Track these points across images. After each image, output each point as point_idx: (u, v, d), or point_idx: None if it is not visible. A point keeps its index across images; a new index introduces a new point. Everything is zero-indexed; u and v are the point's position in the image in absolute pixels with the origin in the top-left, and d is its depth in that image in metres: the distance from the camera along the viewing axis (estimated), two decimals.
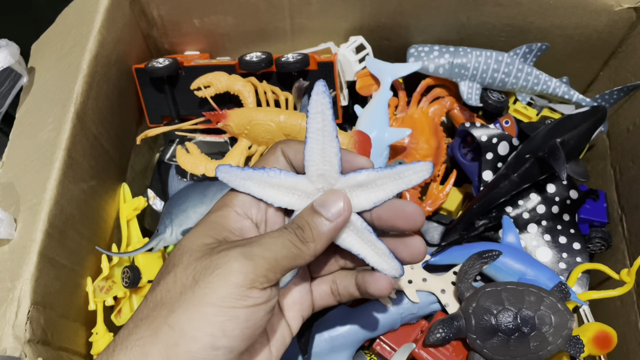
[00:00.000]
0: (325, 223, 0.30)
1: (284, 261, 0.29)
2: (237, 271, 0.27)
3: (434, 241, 0.58)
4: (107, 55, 0.57)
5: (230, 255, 0.27)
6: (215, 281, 0.27)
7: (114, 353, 0.27)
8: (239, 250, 0.28)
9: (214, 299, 0.27)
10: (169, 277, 0.28)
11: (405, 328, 0.51)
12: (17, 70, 0.56)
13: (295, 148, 0.33)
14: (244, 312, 0.27)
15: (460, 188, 0.65)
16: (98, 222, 0.57)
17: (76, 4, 0.59)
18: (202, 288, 0.27)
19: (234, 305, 0.27)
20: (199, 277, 0.27)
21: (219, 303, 0.27)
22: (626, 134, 0.63)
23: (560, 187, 0.58)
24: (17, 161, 0.52)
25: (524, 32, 0.63)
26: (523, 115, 0.65)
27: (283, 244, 0.29)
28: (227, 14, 0.64)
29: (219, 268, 0.27)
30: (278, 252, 0.29)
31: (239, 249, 0.28)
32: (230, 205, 0.32)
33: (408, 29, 0.65)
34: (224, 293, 0.27)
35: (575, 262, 0.56)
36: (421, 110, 0.63)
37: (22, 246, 0.46)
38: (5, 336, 0.42)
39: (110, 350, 0.28)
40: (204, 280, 0.27)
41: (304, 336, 0.45)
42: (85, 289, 0.54)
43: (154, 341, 0.27)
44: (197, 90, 0.59)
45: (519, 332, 0.46)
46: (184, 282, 0.28)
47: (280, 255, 0.28)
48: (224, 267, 0.27)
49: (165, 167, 0.65)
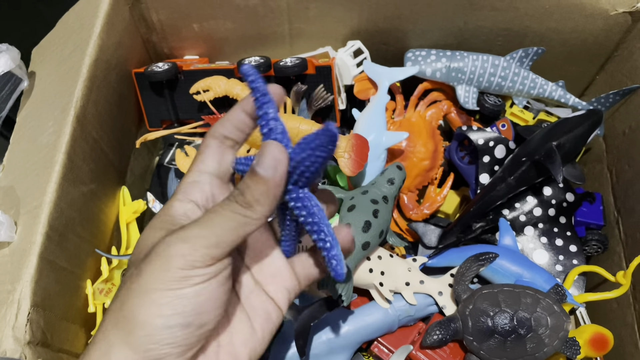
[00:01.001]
0: (262, 180, 0.28)
1: (226, 235, 0.28)
2: (175, 255, 0.27)
3: (432, 244, 0.58)
4: (107, 59, 0.58)
5: (167, 242, 0.28)
6: (156, 268, 0.28)
7: (89, 350, 0.29)
8: (176, 235, 0.28)
9: (157, 284, 0.27)
10: (128, 273, 0.30)
11: (403, 330, 0.51)
12: (18, 74, 0.57)
13: None
14: (191, 290, 0.28)
15: (458, 191, 0.65)
16: (98, 225, 0.58)
17: (76, 9, 0.60)
18: (145, 277, 0.28)
19: (179, 286, 0.27)
20: (142, 268, 0.28)
21: (163, 287, 0.27)
22: (622, 137, 0.63)
23: (556, 190, 0.58)
24: (18, 164, 0.53)
25: (521, 36, 0.63)
26: (519, 119, 0.65)
27: (223, 216, 0.28)
28: (226, 19, 0.65)
29: (158, 256, 0.28)
30: (218, 227, 0.28)
31: (176, 234, 0.28)
32: (173, 196, 0.33)
33: (405, 34, 0.65)
34: (165, 278, 0.27)
35: (571, 264, 0.57)
36: (418, 114, 0.63)
37: (22, 249, 0.46)
38: (5, 338, 0.42)
39: (87, 348, 0.29)
40: (146, 270, 0.28)
41: (302, 338, 0.46)
42: (85, 291, 0.54)
43: (115, 332, 0.28)
44: (196, 94, 0.59)
45: (515, 334, 0.47)
46: (132, 275, 0.29)
47: (221, 230, 0.28)
48: (162, 254, 0.28)
49: (165, 170, 0.65)
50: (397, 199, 0.62)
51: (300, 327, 0.46)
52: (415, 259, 0.54)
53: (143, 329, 0.27)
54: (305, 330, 0.46)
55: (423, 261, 0.54)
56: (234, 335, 0.32)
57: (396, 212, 0.62)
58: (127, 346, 0.27)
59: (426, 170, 0.61)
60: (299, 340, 0.46)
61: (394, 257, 0.52)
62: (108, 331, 0.28)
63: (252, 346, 0.32)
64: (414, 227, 0.59)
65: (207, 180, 0.32)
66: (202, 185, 0.32)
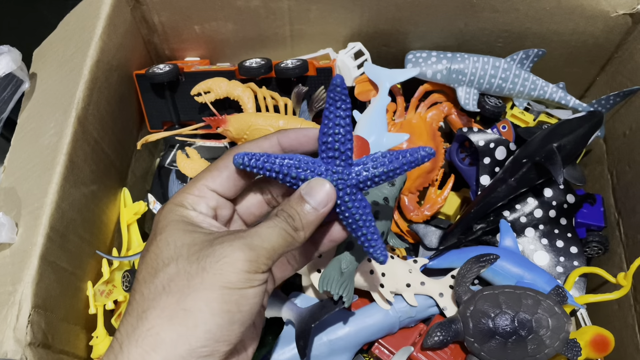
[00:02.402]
0: (312, 212, 0.33)
1: (279, 249, 0.32)
2: (243, 259, 0.30)
3: (432, 245, 0.58)
4: (108, 61, 0.58)
5: (235, 246, 0.30)
6: (224, 268, 0.29)
7: (122, 350, 0.28)
8: (242, 241, 0.31)
9: (225, 282, 0.29)
10: (169, 269, 0.30)
11: (404, 331, 0.51)
12: (19, 76, 0.57)
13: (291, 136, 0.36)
14: (252, 291, 0.30)
15: (458, 192, 0.65)
16: (99, 227, 0.58)
17: (78, 11, 0.60)
18: (212, 275, 0.29)
19: (243, 286, 0.30)
20: (206, 265, 0.30)
21: (231, 285, 0.29)
22: (623, 138, 0.63)
23: (557, 192, 0.58)
24: (19, 166, 0.53)
25: (521, 38, 0.63)
26: (520, 121, 0.65)
27: (279, 233, 0.32)
28: (227, 21, 0.65)
29: (225, 257, 0.30)
30: (274, 242, 0.32)
31: (242, 240, 0.31)
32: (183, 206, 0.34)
33: (406, 35, 0.65)
34: (233, 278, 0.29)
35: (572, 265, 0.57)
36: (419, 116, 0.63)
37: (24, 250, 0.47)
38: (6, 339, 0.43)
39: (116, 349, 0.29)
40: (213, 268, 0.29)
41: (303, 340, 0.46)
42: (85, 292, 0.54)
43: (170, 327, 0.28)
44: (197, 96, 0.59)
45: (516, 335, 0.47)
46: (190, 271, 0.30)
47: (276, 244, 0.32)
48: (231, 256, 0.30)
49: (166, 171, 0.65)
50: (398, 201, 0.62)
51: (301, 328, 0.46)
52: (416, 260, 0.54)
53: (207, 323, 0.29)
54: (306, 331, 0.46)
55: (424, 262, 0.54)
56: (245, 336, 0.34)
57: (397, 214, 0.62)
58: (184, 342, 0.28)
59: (427, 172, 0.61)
60: (300, 341, 0.46)
61: (395, 258, 0.52)
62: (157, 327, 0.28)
63: (255, 340, 0.36)
64: (414, 229, 0.59)
65: (213, 197, 0.35)
66: (207, 200, 0.35)
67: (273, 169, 0.34)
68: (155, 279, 0.30)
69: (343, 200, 0.35)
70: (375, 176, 0.35)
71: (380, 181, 0.35)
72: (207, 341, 0.28)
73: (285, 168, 0.34)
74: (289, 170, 0.34)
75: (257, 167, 0.34)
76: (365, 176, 0.35)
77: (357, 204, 0.35)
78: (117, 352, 0.28)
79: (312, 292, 0.51)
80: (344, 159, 0.35)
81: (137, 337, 0.28)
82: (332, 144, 0.34)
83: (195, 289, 0.29)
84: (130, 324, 0.29)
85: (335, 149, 0.34)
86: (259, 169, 0.34)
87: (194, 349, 0.28)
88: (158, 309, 0.29)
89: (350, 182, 0.35)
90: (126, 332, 0.29)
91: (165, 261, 0.31)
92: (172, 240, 0.31)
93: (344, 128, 0.34)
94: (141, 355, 0.28)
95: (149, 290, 0.30)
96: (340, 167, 0.35)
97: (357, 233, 0.36)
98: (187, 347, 0.28)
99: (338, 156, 0.35)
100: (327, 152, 0.35)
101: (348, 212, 0.35)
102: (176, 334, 0.28)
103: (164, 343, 0.28)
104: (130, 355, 0.28)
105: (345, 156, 0.35)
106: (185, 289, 0.29)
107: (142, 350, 0.28)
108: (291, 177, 0.34)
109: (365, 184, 0.35)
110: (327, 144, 0.34)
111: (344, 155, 0.35)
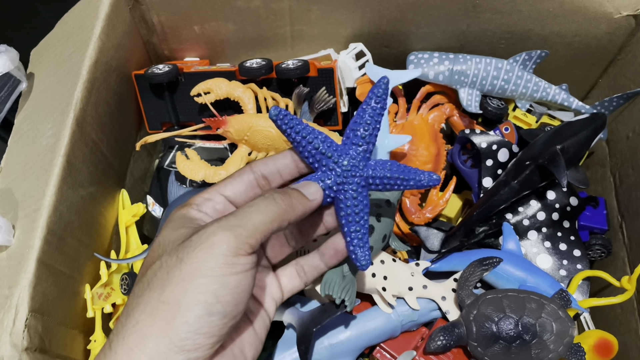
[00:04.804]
0: (299, 196, 0.34)
1: (262, 225, 0.30)
2: (219, 242, 0.29)
3: (434, 248, 0.58)
4: (107, 61, 0.57)
5: (209, 230, 0.29)
6: (200, 255, 0.28)
7: (110, 347, 0.28)
8: (216, 224, 0.30)
9: (203, 270, 0.28)
10: (154, 266, 0.30)
11: (406, 335, 0.51)
12: (17, 75, 0.56)
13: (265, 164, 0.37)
14: (234, 278, 0.29)
15: (460, 195, 0.65)
16: (97, 229, 0.57)
17: (76, 10, 0.59)
18: (189, 264, 0.28)
19: (224, 273, 0.29)
20: (183, 255, 0.29)
21: (209, 273, 0.28)
22: (625, 141, 0.63)
23: (560, 194, 0.58)
24: (16, 167, 0.52)
25: (524, 39, 0.63)
26: (522, 122, 0.65)
27: (259, 209, 0.31)
28: (228, 21, 0.64)
29: (201, 244, 0.29)
30: (254, 218, 0.30)
31: (215, 223, 0.30)
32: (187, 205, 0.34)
33: (408, 36, 0.65)
34: (211, 264, 0.28)
35: (575, 269, 0.56)
36: (421, 117, 0.63)
37: (20, 253, 0.46)
38: (2, 344, 0.42)
39: (106, 347, 0.29)
40: (189, 257, 0.29)
41: (304, 344, 0.45)
42: (83, 296, 0.53)
43: (152, 322, 0.28)
44: (197, 97, 0.59)
45: (520, 340, 0.46)
46: (170, 264, 0.29)
47: (257, 220, 0.30)
48: (206, 241, 0.29)
49: (165, 173, 0.64)
50: (400, 203, 0.61)
51: (302, 332, 0.46)
52: (418, 263, 0.53)
53: (184, 315, 0.28)
54: (307, 335, 0.45)
55: (426, 266, 0.53)
56: (242, 335, 0.34)
57: (398, 216, 0.61)
58: (163, 336, 0.28)
59: None
60: (301, 345, 0.45)
61: (397, 261, 0.52)
62: (141, 322, 0.28)
63: (256, 347, 0.35)
64: (416, 231, 0.59)
65: (222, 201, 0.35)
66: (215, 203, 0.34)
67: (301, 132, 0.35)
68: (144, 277, 0.30)
69: (350, 188, 0.36)
70: (387, 177, 0.36)
71: (388, 185, 0.37)
72: (186, 333, 0.28)
73: (312, 136, 0.35)
74: (314, 138, 0.35)
75: (289, 125, 0.35)
76: (378, 172, 0.36)
77: (360, 198, 0.36)
78: (107, 351, 0.28)
79: (314, 295, 0.50)
80: (365, 150, 0.36)
81: (124, 334, 0.28)
82: (361, 133, 0.36)
83: (172, 281, 0.28)
84: (120, 322, 0.29)
85: (363, 137, 0.36)
86: (290, 128, 0.35)
87: (174, 342, 0.28)
88: (142, 305, 0.29)
89: (364, 172, 0.36)
90: (116, 330, 0.29)
91: (153, 259, 0.31)
92: (162, 239, 0.32)
93: (375, 122, 0.36)
94: (126, 352, 0.28)
95: (138, 288, 0.30)
96: (360, 156, 0.36)
97: (349, 227, 0.36)
98: (167, 341, 0.28)
99: (362, 144, 0.36)
100: (353, 138, 0.36)
101: (350, 202, 0.36)
102: (156, 328, 0.28)
103: (146, 338, 0.28)
104: (117, 353, 0.28)
105: (367, 147, 0.36)
106: (165, 281, 0.29)
107: (127, 348, 0.28)
108: (313, 147, 0.35)
109: (374, 181, 0.36)
110: (355, 131, 0.36)
111: (367, 147, 0.36)
